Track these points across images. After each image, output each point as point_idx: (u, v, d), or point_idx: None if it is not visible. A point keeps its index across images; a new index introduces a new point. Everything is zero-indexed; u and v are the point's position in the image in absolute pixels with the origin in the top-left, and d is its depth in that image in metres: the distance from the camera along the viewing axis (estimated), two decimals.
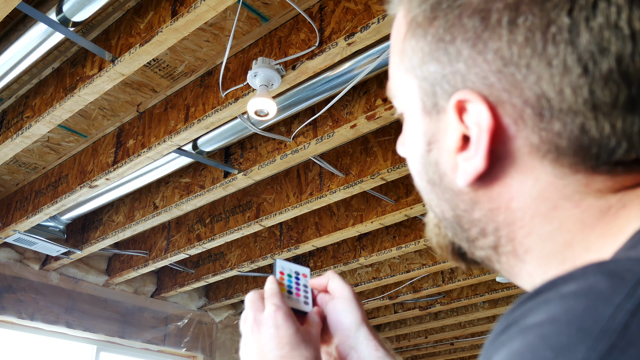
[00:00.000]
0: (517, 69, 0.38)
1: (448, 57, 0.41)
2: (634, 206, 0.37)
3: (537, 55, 0.37)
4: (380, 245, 3.84)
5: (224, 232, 3.61)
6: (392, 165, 2.85)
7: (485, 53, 0.39)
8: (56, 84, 2.59)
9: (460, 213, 0.43)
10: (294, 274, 0.74)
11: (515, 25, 0.38)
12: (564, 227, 0.38)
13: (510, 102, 0.38)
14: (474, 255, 0.45)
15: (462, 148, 0.41)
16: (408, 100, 0.45)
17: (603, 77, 0.35)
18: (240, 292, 4.74)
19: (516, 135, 0.39)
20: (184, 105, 2.67)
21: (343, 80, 2.38)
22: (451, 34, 0.41)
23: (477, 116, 0.39)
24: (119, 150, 2.94)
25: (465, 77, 0.40)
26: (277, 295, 0.66)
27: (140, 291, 4.74)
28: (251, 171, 2.96)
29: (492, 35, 0.39)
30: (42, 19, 2.09)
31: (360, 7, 2.08)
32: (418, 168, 0.46)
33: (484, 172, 0.40)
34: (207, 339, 5.07)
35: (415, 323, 5.61)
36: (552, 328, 0.28)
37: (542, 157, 0.38)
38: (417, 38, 0.43)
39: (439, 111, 0.42)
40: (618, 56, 0.35)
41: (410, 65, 0.44)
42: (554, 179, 0.38)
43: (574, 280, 0.30)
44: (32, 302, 4.10)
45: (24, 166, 3.44)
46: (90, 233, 3.87)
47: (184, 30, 2.10)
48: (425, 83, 0.43)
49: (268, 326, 0.62)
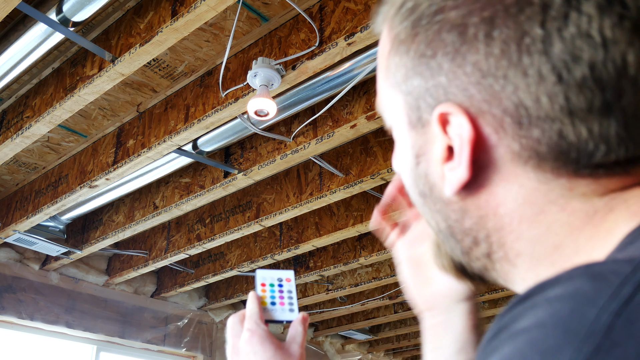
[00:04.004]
0: (495, 80, 0.39)
1: (430, 71, 0.42)
2: (622, 210, 0.38)
3: (513, 66, 0.38)
4: (380, 245, 3.84)
5: (224, 232, 3.62)
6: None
7: (464, 66, 0.40)
8: (56, 84, 2.59)
9: (452, 223, 0.44)
10: (277, 282, 0.74)
11: (491, 39, 0.39)
12: (551, 231, 0.39)
13: (490, 112, 0.39)
14: (472, 268, 0.46)
15: (447, 159, 0.42)
16: (395, 115, 0.47)
17: (577, 84, 0.37)
18: (240, 292, 4.74)
19: (498, 143, 0.40)
20: (184, 105, 2.67)
21: (343, 80, 2.38)
22: (432, 49, 0.42)
23: (459, 128, 0.40)
24: (119, 150, 2.94)
25: (447, 90, 0.41)
26: (253, 317, 0.67)
27: (140, 291, 4.74)
28: (251, 171, 2.96)
29: (470, 48, 0.40)
30: (42, 19, 2.09)
31: (360, 7, 2.08)
32: (409, 182, 0.47)
33: (468, 181, 0.41)
34: (207, 339, 5.07)
35: (415, 323, 5.61)
36: (540, 332, 0.29)
37: (524, 164, 0.39)
38: (401, 55, 0.44)
39: (424, 124, 0.43)
40: (591, 63, 0.36)
41: (395, 81, 0.45)
42: (537, 184, 0.39)
43: (560, 284, 0.31)
44: (32, 302, 4.10)
45: (24, 166, 3.44)
46: (90, 233, 3.87)
47: (184, 30, 2.10)
48: (410, 98, 0.44)
49: (245, 352, 0.63)
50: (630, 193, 0.38)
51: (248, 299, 0.70)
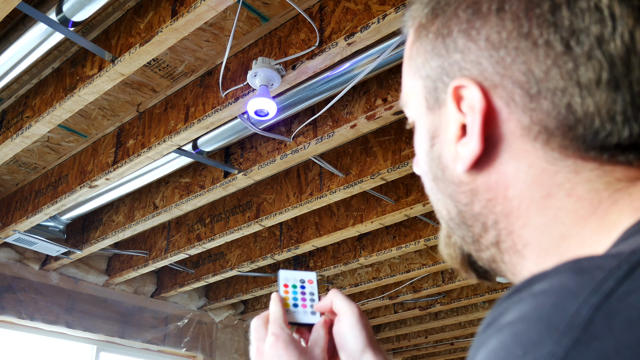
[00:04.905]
0: (507, 52, 0.40)
1: (446, 49, 0.43)
2: (625, 204, 0.38)
3: (524, 37, 0.39)
4: (380, 245, 3.84)
5: (224, 232, 3.61)
6: (392, 165, 2.85)
7: (478, 40, 0.41)
8: (56, 84, 2.59)
9: (463, 208, 0.45)
10: (299, 283, 0.73)
11: (503, 11, 0.40)
12: (558, 218, 0.40)
13: (502, 85, 0.41)
14: (481, 259, 0.46)
15: (461, 137, 0.43)
16: (415, 104, 0.48)
17: (586, 54, 0.37)
18: (240, 292, 4.74)
19: (508, 117, 0.41)
20: (184, 105, 2.67)
21: (343, 80, 2.37)
22: (448, 28, 0.43)
23: (471, 99, 0.41)
24: (119, 150, 2.94)
25: (461, 66, 0.42)
26: (278, 321, 0.67)
27: (140, 291, 4.74)
28: (251, 171, 2.96)
29: (483, 23, 0.41)
30: (42, 19, 2.09)
31: (360, 7, 2.08)
32: (425, 168, 0.48)
33: (480, 156, 0.42)
34: (207, 339, 5.07)
35: (415, 323, 5.61)
36: (523, 325, 0.30)
37: (534, 140, 0.40)
38: (422, 39, 0.46)
39: (441, 105, 0.44)
40: (599, 36, 0.37)
41: (416, 67, 0.47)
42: (545, 164, 0.40)
43: (547, 279, 0.32)
44: (32, 302, 4.10)
45: (24, 166, 3.44)
46: (90, 233, 3.87)
47: (184, 30, 2.09)
48: (428, 81, 0.45)
49: (269, 357, 0.64)
50: (634, 187, 0.38)
51: (271, 300, 0.70)
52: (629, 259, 0.30)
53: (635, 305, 0.28)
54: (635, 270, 0.29)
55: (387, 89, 2.47)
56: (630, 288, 0.29)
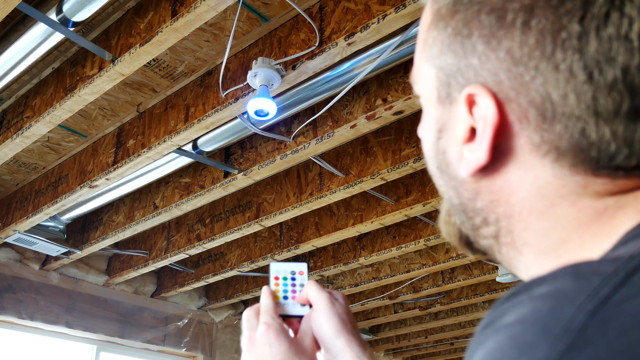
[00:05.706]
0: (526, 70, 0.39)
1: (464, 50, 0.42)
2: (631, 208, 0.38)
3: (546, 58, 0.38)
4: (380, 245, 3.84)
5: (224, 232, 3.62)
6: (392, 165, 2.85)
7: (498, 51, 0.40)
8: (56, 84, 2.59)
9: (465, 201, 0.45)
10: (290, 275, 0.74)
11: (528, 27, 0.39)
12: (559, 225, 0.39)
13: (516, 101, 0.40)
14: (479, 244, 0.47)
15: (468, 140, 0.42)
16: (426, 87, 0.47)
17: (607, 86, 0.36)
18: (240, 292, 4.74)
19: (519, 133, 0.40)
20: (184, 105, 2.67)
21: (343, 80, 2.37)
22: (469, 29, 0.42)
23: (485, 110, 0.41)
24: (119, 150, 2.94)
25: (477, 72, 0.42)
26: (269, 312, 0.69)
27: (140, 291, 4.74)
28: (251, 171, 2.96)
29: (506, 34, 0.40)
30: (42, 19, 2.09)
31: (360, 7, 2.08)
32: (430, 154, 0.48)
33: (485, 165, 0.41)
34: (207, 339, 5.07)
35: (415, 323, 5.62)
36: (519, 328, 0.30)
37: (543, 157, 0.40)
38: (439, 30, 0.45)
39: (452, 102, 0.44)
40: (624, 67, 0.36)
41: (430, 55, 0.46)
42: (552, 178, 0.40)
43: (546, 283, 0.32)
44: (32, 302, 4.10)
45: (24, 166, 3.44)
46: (90, 233, 3.87)
47: (184, 30, 2.10)
48: (442, 73, 0.45)
49: (261, 344, 0.65)
50: None
51: (262, 293, 0.72)
52: (625, 265, 0.31)
53: (630, 312, 0.28)
54: (631, 276, 0.30)
55: (387, 89, 2.47)
56: (627, 295, 0.29)
